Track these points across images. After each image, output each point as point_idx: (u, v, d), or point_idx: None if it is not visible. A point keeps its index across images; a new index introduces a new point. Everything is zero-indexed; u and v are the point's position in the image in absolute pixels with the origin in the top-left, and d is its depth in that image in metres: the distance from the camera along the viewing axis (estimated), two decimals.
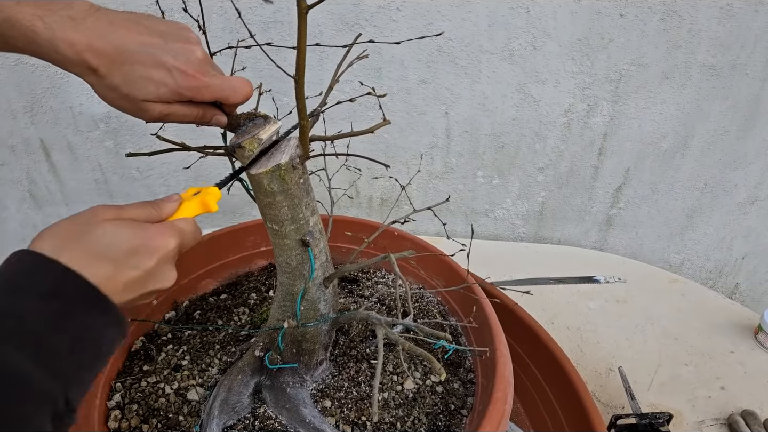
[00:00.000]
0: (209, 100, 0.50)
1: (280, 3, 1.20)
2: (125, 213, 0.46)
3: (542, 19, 1.23)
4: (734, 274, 1.74)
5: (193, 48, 0.49)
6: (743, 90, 1.35)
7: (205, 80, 0.49)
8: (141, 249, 0.44)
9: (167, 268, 0.47)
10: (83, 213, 0.44)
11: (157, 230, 0.46)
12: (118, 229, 0.44)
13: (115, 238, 0.43)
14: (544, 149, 1.44)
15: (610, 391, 0.99)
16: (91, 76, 0.47)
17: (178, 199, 0.52)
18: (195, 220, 0.51)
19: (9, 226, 1.53)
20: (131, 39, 0.46)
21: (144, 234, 0.45)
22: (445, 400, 0.74)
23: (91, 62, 0.45)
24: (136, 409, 0.69)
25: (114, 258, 0.42)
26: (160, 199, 0.51)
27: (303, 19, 0.44)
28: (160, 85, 0.47)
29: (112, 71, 0.46)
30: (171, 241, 0.47)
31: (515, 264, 1.37)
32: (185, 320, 0.87)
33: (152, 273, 0.45)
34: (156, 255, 0.45)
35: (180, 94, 0.48)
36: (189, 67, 0.48)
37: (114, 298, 0.42)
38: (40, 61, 1.20)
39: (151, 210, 0.49)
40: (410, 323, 0.60)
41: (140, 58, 0.46)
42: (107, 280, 0.42)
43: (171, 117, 0.50)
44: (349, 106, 1.20)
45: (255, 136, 0.55)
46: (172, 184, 1.47)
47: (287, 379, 0.71)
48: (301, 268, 0.64)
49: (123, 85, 0.47)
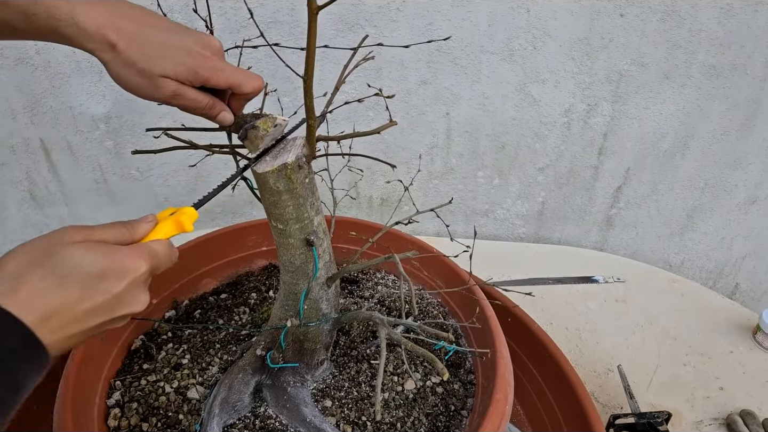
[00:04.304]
0: (223, 86, 0.52)
1: (280, 3, 1.20)
2: (95, 234, 0.44)
3: (542, 19, 1.23)
4: (734, 274, 1.74)
5: (210, 38, 0.52)
6: (743, 90, 1.35)
7: (222, 64, 0.51)
8: (109, 272, 0.43)
9: (138, 291, 0.45)
10: (51, 234, 0.43)
11: (127, 253, 0.44)
12: (86, 252, 0.42)
13: (82, 260, 0.41)
14: (544, 149, 1.44)
15: (608, 390, 0.99)
16: (107, 52, 0.47)
17: (153, 220, 0.50)
18: (170, 241, 0.50)
19: (9, 226, 1.53)
20: (152, 21, 0.49)
21: (113, 256, 0.43)
22: (445, 401, 0.74)
23: (110, 37, 0.46)
24: (135, 408, 0.69)
25: (81, 281, 0.41)
26: (133, 220, 0.49)
27: (313, 19, 0.44)
28: (178, 63, 0.48)
29: (130, 47, 0.47)
30: (142, 263, 0.45)
31: (515, 264, 1.37)
32: (185, 319, 0.88)
33: (121, 297, 0.43)
34: (126, 279, 0.43)
35: (197, 74, 0.49)
36: (207, 51, 0.50)
37: (79, 323, 0.41)
38: (40, 61, 1.20)
39: (123, 231, 0.47)
40: (412, 323, 0.60)
41: (161, 38, 0.48)
42: (71, 306, 0.40)
43: (182, 99, 0.51)
44: (349, 106, 1.20)
45: (269, 116, 0.56)
46: (172, 184, 1.47)
47: (288, 378, 0.71)
48: (304, 267, 0.64)
49: (140, 60, 0.47)
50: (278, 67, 0.65)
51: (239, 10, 1.20)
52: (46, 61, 1.24)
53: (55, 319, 0.39)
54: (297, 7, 1.21)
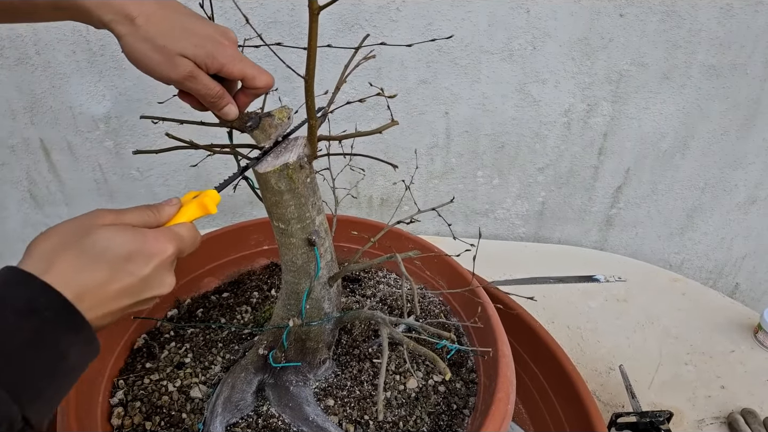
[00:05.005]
0: (237, 76, 0.52)
1: (280, 3, 1.20)
2: (123, 218, 0.45)
3: (542, 19, 1.23)
4: (734, 274, 1.74)
5: (228, 29, 0.53)
6: (743, 90, 1.35)
7: (239, 54, 0.52)
8: (137, 255, 0.43)
9: (164, 274, 0.46)
10: (82, 216, 0.44)
11: (154, 236, 0.45)
12: (115, 234, 0.43)
13: (111, 242, 0.42)
14: (544, 149, 1.44)
15: (610, 389, 1.00)
16: (125, 25, 0.48)
17: (177, 203, 0.51)
18: (194, 224, 0.51)
19: (9, 226, 1.53)
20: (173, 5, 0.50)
21: (141, 239, 0.44)
22: (447, 400, 0.74)
23: (130, 10, 0.47)
24: (138, 407, 0.69)
25: (109, 263, 0.42)
26: (158, 203, 0.50)
27: (314, 19, 0.44)
28: (198, 45, 0.49)
29: (150, 22, 0.48)
30: (168, 246, 0.46)
31: (515, 263, 1.37)
32: (188, 318, 0.88)
33: (149, 279, 0.44)
34: (153, 261, 0.44)
35: (215, 59, 0.50)
36: (225, 41, 0.52)
37: (109, 304, 0.42)
38: (40, 61, 1.20)
39: (150, 214, 0.48)
40: (414, 323, 0.60)
41: (182, 20, 0.50)
42: (101, 286, 0.41)
43: (196, 82, 0.51)
44: (350, 106, 1.20)
45: (285, 107, 0.56)
46: (172, 184, 1.47)
47: (290, 377, 0.71)
48: (306, 266, 0.65)
49: (159, 36, 0.48)
50: (278, 67, 0.65)
51: (239, 11, 1.20)
52: (46, 61, 1.24)
53: (88, 298, 0.40)
54: (297, 7, 1.21)
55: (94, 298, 0.41)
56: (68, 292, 0.39)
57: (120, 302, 0.43)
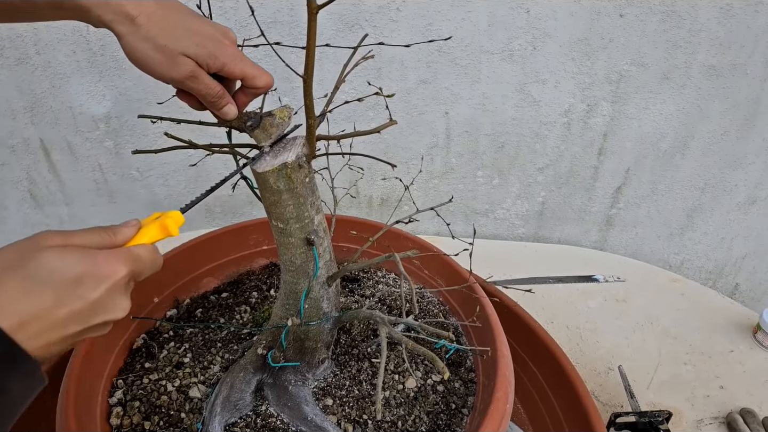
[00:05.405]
0: (238, 75, 0.53)
1: (279, 3, 1.20)
2: (73, 239, 0.43)
3: (542, 19, 1.23)
4: (734, 274, 1.74)
5: (228, 29, 0.53)
6: (743, 90, 1.35)
7: (240, 54, 0.52)
8: (87, 277, 0.40)
9: (117, 297, 0.43)
10: (28, 239, 0.41)
11: (105, 257, 0.42)
12: (63, 256, 0.40)
13: (58, 264, 0.39)
14: (544, 149, 1.44)
15: (609, 389, 1.00)
16: (125, 24, 0.48)
17: (136, 224, 0.49)
18: (154, 246, 0.48)
19: (9, 226, 1.53)
20: (174, 5, 0.50)
21: (91, 261, 0.41)
22: (446, 399, 0.74)
23: (130, 10, 0.47)
24: (138, 406, 0.70)
25: (56, 287, 0.39)
26: (115, 225, 0.48)
27: (313, 19, 0.44)
28: (200, 45, 0.49)
29: (151, 22, 0.48)
30: (121, 268, 0.43)
31: (515, 263, 1.37)
32: (187, 318, 0.88)
33: (99, 303, 0.41)
34: (104, 284, 0.41)
35: (216, 58, 0.50)
36: (226, 41, 0.52)
37: (56, 331, 0.39)
38: (40, 61, 1.20)
39: (104, 235, 0.45)
40: (413, 322, 0.60)
41: (183, 20, 0.49)
42: (47, 312, 0.38)
43: (197, 81, 0.51)
44: (349, 106, 1.20)
45: (286, 107, 0.56)
46: (172, 184, 1.47)
47: (289, 377, 0.72)
48: (305, 266, 0.65)
49: (160, 36, 0.48)
50: (277, 67, 0.65)
51: (239, 10, 1.20)
52: (46, 61, 1.24)
53: (33, 325, 0.38)
54: (296, 7, 1.21)
55: (39, 325, 0.38)
56: (9, 320, 0.36)
57: (68, 328, 0.40)
